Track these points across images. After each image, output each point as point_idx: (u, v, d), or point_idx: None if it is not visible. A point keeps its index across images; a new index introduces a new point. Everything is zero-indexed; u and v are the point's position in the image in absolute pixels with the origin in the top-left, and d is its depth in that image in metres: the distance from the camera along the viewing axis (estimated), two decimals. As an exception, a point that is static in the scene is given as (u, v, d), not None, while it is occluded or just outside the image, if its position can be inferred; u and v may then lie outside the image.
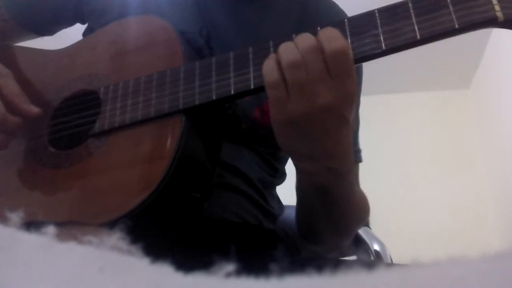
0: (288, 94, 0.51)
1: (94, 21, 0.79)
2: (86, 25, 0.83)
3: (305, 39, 0.51)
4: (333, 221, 0.66)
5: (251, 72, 0.56)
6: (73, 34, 0.87)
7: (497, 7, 0.50)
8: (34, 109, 0.64)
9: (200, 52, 0.65)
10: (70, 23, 0.85)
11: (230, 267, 0.19)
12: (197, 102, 0.57)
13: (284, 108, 0.52)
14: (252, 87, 0.56)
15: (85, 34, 0.82)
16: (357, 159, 0.77)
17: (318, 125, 0.52)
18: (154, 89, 0.60)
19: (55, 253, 0.21)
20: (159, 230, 0.59)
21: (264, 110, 0.71)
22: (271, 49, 0.57)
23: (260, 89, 0.57)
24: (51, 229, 0.22)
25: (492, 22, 0.50)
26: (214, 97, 0.57)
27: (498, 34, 2.63)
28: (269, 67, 0.52)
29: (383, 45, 0.52)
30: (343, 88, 0.51)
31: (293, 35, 0.56)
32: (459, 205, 2.96)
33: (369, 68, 0.73)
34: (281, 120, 0.53)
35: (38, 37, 0.86)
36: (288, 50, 0.51)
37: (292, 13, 0.78)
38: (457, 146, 3.15)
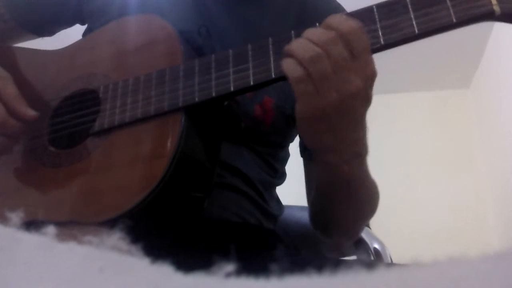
0: (316, 88, 0.51)
1: (94, 22, 0.79)
2: (86, 25, 0.83)
3: (316, 32, 0.51)
4: (353, 206, 0.66)
5: (251, 68, 0.56)
6: (73, 34, 0.87)
7: (494, 1, 0.50)
8: (31, 112, 0.64)
9: (199, 51, 0.65)
10: (70, 23, 0.85)
11: (230, 267, 0.19)
12: (196, 100, 0.57)
13: (313, 102, 0.51)
14: (251, 83, 0.56)
15: (85, 34, 0.82)
16: None
17: (348, 114, 0.53)
18: (154, 87, 0.60)
19: (55, 253, 0.21)
20: (159, 230, 0.59)
21: (265, 107, 0.71)
22: (270, 46, 0.57)
23: (259, 86, 0.57)
24: (51, 229, 0.22)
25: (489, 16, 0.51)
26: (213, 94, 0.57)
27: (498, 34, 2.63)
28: (290, 64, 0.52)
29: (381, 40, 0.52)
30: (367, 68, 0.51)
31: (292, 32, 0.56)
32: (459, 205, 2.96)
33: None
34: (310, 115, 0.53)
35: (37, 37, 0.86)
36: (304, 46, 0.51)
37: (291, 11, 0.78)
38: (457, 146, 3.15)
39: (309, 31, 0.52)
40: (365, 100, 0.53)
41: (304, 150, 0.78)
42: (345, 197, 0.63)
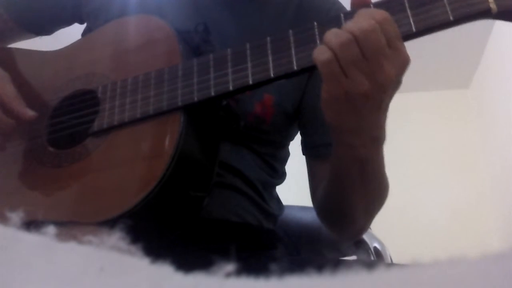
0: (344, 72, 0.51)
1: (93, 21, 0.79)
2: (85, 25, 0.83)
3: (353, 22, 0.51)
4: (366, 195, 0.66)
5: (249, 68, 0.56)
6: (72, 34, 0.87)
7: None
8: (29, 113, 0.64)
9: (197, 49, 0.65)
10: (68, 23, 0.85)
11: (230, 267, 0.19)
12: (195, 99, 0.57)
13: (340, 86, 0.51)
14: (250, 82, 0.56)
15: (84, 34, 0.82)
16: None
17: (375, 100, 0.53)
18: (153, 87, 0.60)
19: (55, 253, 0.21)
20: (159, 230, 0.59)
21: (265, 104, 0.71)
22: (268, 45, 0.57)
23: (258, 85, 0.57)
24: (51, 229, 0.22)
25: (486, 13, 0.51)
26: (212, 94, 0.57)
27: (498, 34, 2.63)
28: (318, 49, 0.52)
29: None
30: (402, 56, 0.51)
31: (290, 31, 0.56)
32: (459, 205, 2.96)
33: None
34: (336, 97, 0.53)
35: (36, 36, 0.86)
36: (336, 33, 0.51)
37: (288, 10, 0.78)
38: (457, 146, 3.15)
39: (348, 22, 0.52)
40: (397, 87, 0.53)
41: (307, 148, 0.78)
42: (359, 183, 0.63)
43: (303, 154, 0.79)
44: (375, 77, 0.51)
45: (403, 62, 0.52)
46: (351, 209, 0.69)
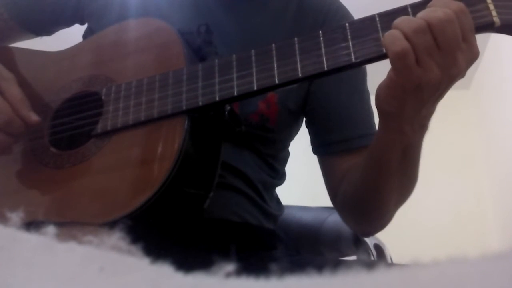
0: (417, 61, 0.49)
1: (95, 22, 0.79)
2: (86, 26, 0.83)
3: (429, 11, 0.49)
4: (402, 183, 0.65)
5: (254, 74, 0.57)
6: (73, 34, 0.87)
7: (494, 13, 0.51)
8: (34, 117, 0.63)
9: (199, 50, 0.65)
10: (69, 23, 0.85)
11: (230, 267, 0.19)
12: (200, 103, 0.57)
13: (411, 76, 0.49)
14: (255, 88, 0.56)
15: (85, 35, 0.82)
16: None
17: (442, 92, 0.52)
18: (157, 90, 0.60)
19: (55, 253, 0.21)
20: (160, 230, 0.59)
21: (269, 101, 0.71)
22: (274, 51, 0.57)
23: (263, 91, 0.57)
24: (51, 229, 0.22)
25: (489, 27, 0.51)
26: (217, 99, 0.57)
27: (498, 35, 2.63)
28: (392, 36, 0.49)
29: (383, 48, 0.52)
30: (474, 49, 0.51)
31: (295, 38, 0.57)
32: (459, 205, 2.96)
33: (369, 68, 0.73)
34: (406, 86, 0.51)
35: (36, 37, 0.86)
36: (410, 20, 0.49)
37: (289, 10, 0.78)
38: (457, 146, 3.15)
39: (422, 11, 0.50)
40: (460, 78, 0.52)
41: (321, 146, 0.77)
42: (398, 171, 0.62)
43: (315, 153, 0.78)
44: (449, 69, 0.49)
45: (474, 56, 0.51)
46: (385, 199, 0.67)
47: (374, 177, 0.65)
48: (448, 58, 0.49)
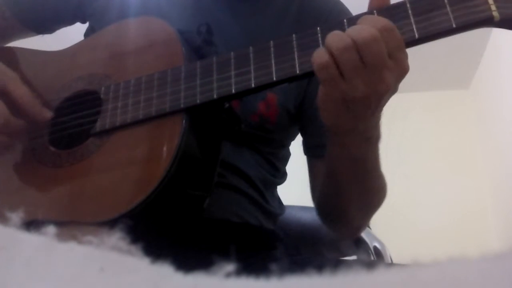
0: (342, 75, 0.50)
1: (96, 21, 0.79)
2: (87, 24, 0.83)
3: (355, 27, 0.51)
4: (361, 193, 0.66)
5: (252, 71, 0.57)
6: (73, 33, 0.87)
7: (493, 7, 0.50)
8: (47, 113, 0.64)
9: (199, 50, 0.65)
10: (70, 22, 0.86)
11: (230, 267, 0.19)
12: (198, 101, 0.57)
13: (337, 88, 0.51)
14: (253, 86, 0.56)
15: (86, 34, 0.82)
16: None
17: (373, 105, 0.53)
18: (155, 88, 0.60)
19: (55, 253, 0.21)
20: (159, 230, 0.59)
21: (269, 102, 0.71)
22: (272, 49, 0.57)
23: (260, 88, 0.57)
24: (51, 229, 0.22)
25: (488, 21, 0.51)
26: (215, 96, 0.57)
27: (498, 35, 2.63)
28: (318, 52, 0.51)
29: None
30: (402, 66, 0.51)
31: (293, 35, 0.56)
32: (459, 205, 2.96)
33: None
34: (334, 98, 0.52)
35: (37, 35, 0.86)
36: (338, 37, 0.50)
37: (290, 10, 0.78)
38: (457, 146, 3.15)
39: (351, 28, 0.51)
40: (392, 93, 0.53)
41: (308, 148, 0.78)
42: (352, 182, 0.64)
43: (305, 154, 0.80)
44: (375, 85, 0.50)
45: (403, 72, 0.52)
46: (346, 207, 0.69)
47: (331, 188, 0.68)
48: (374, 75, 0.50)
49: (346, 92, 0.51)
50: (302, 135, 0.81)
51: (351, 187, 0.65)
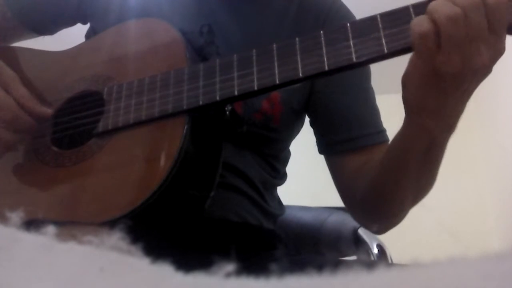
0: (440, 47, 0.47)
1: (97, 22, 0.79)
2: (88, 25, 0.83)
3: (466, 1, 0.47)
4: (420, 182, 0.64)
5: (255, 73, 0.57)
6: (73, 34, 0.87)
7: None
8: (47, 110, 0.64)
9: (201, 51, 0.65)
10: (71, 23, 0.86)
11: (230, 267, 0.19)
12: (201, 103, 0.57)
13: (432, 60, 0.48)
14: (255, 88, 0.56)
15: (88, 35, 0.82)
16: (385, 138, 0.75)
17: (463, 84, 0.50)
18: (158, 90, 0.60)
19: (55, 253, 0.21)
20: (160, 230, 0.59)
21: (272, 101, 0.71)
22: (275, 51, 0.57)
23: (263, 91, 0.57)
24: (51, 229, 0.22)
25: None
26: (218, 98, 0.57)
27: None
28: (419, 19, 0.48)
29: (385, 48, 0.52)
30: (500, 44, 0.49)
31: (296, 38, 0.56)
32: (459, 205, 2.96)
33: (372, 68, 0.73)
34: (424, 72, 0.50)
35: (38, 36, 0.86)
36: (444, 4, 0.47)
37: (290, 10, 0.78)
38: (457, 147, 3.14)
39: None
40: (486, 75, 0.51)
41: (329, 145, 0.76)
42: (418, 168, 0.60)
43: (321, 152, 0.78)
44: (471, 60, 0.48)
45: (500, 51, 0.49)
46: (401, 199, 0.66)
47: (391, 175, 0.64)
48: (472, 48, 0.47)
49: (439, 66, 0.48)
50: (316, 133, 0.78)
51: (414, 174, 0.61)
